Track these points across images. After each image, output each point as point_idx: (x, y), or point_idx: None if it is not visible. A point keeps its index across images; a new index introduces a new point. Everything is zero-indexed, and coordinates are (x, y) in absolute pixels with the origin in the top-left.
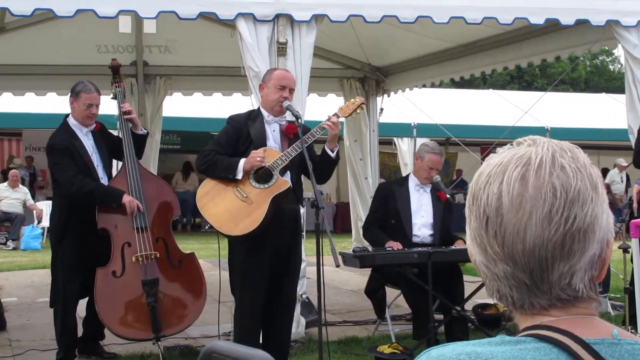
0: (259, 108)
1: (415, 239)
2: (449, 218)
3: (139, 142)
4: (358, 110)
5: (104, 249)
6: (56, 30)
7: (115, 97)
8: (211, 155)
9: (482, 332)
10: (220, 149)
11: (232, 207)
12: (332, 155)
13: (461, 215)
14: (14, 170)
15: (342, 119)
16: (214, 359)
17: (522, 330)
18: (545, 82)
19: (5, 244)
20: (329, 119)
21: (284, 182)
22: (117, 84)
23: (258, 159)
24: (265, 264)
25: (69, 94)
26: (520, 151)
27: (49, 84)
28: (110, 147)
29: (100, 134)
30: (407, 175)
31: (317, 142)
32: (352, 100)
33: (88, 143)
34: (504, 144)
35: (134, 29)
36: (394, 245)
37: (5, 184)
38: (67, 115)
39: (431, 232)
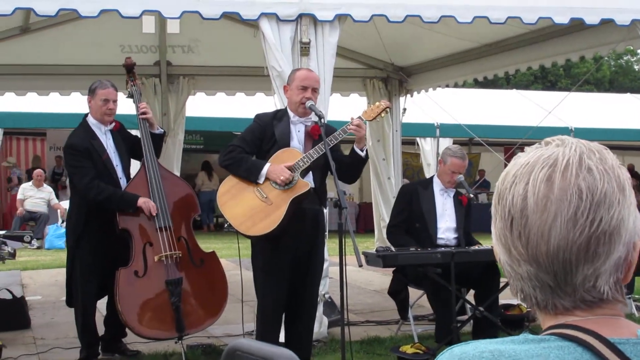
0: (285, 108)
1: (439, 242)
2: (468, 221)
3: (156, 141)
4: (382, 114)
5: (122, 249)
6: (80, 31)
7: (131, 96)
8: (236, 152)
9: (505, 332)
10: (244, 146)
11: (251, 207)
12: (362, 154)
13: (482, 216)
14: (38, 169)
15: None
16: (238, 357)
17: (545, 329)
18: (570, 82)
19: (30, 242)
20: (352, 122)
21: (305, 184)
22: (132, 83)
23: (282, 178)
24: (287, 263)
25: (88, 93)
26: (547, 152)
27: (73, 84)
28: (129, 146)
29: (119, 133)
30: (432, 177)
31: (346, 142)
32: (377, 103)
33: (107, 142)
34: (528, 144)
35: (157, 29)
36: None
37: (30, 183)
38: (86, 115)
39: (455, 235)
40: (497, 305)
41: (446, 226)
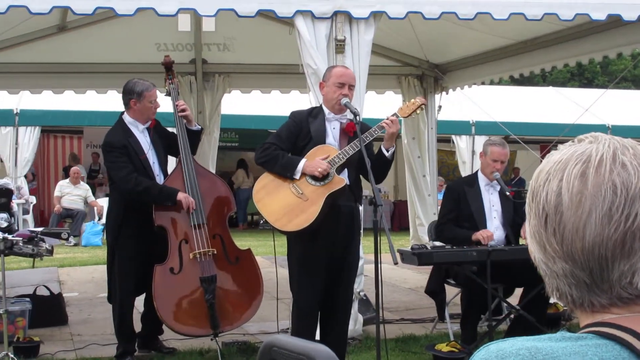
0: (321, 105)
1: (490, 242)
2: (520, 213)
3: (194, 137)
4: (418, 111)
5: (160, 246)
6: (116, 29)
7: (169, 94)
8: (271, 149)
9: (541, 331)
10: (280, 143)
11: (287, 203)
12: (387, 154)
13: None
14: (75, 167)
15: (400, 119)
16: (275, 353)
17: (583, 327)
18: (607, 80)
19: (67, 239)
20: (387, 118)
21: (340, 180)
22: (170, 81)
23: (319, 170)
24: (322, 260)
25: (127, 95)
26: (580, 148)
27: (109, 82)
28: (165, 143)
29: (156, 130)
30: (476, 173)
31: (378, 140)
32: (412, 100)
33: (144, 140)
34: (564, 142)
35: (193, 27)
36: (484, 235)
37: (67, 180)
38: (122, 113)
39: (504, 233)
40: (542, 304)
41: (495, 225)
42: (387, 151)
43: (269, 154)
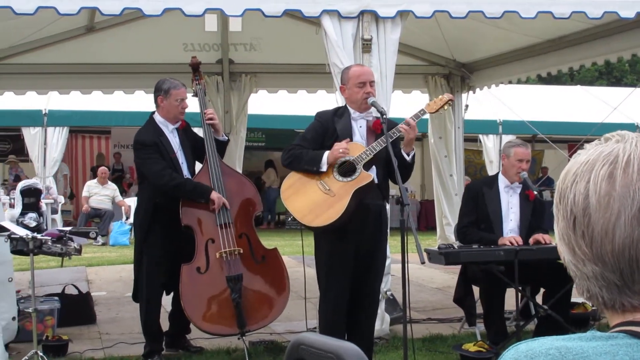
0: (345, 105)
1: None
2: (539, 215)
3: (219, 148)
4: (445, 107)
5: (188, 245)
6: (144, 30)
7: (195, 95)
8: (296, 149)
9: (569, 331)
10: (306, 144)
11: (314, 200)
12: (408, 158)
13: (550, 213)
14: (103, 167)
15: (427, 116)
16: (303, 351)
17: (613, 326)
18: (635, 78)
19: (95, 239)
20: (405, 122)
21: (367, 175)
22: (197, 81)
23: (341, 150)
24: (349, 258)
25: (156, 92)
26: (607, 148)
27: (137, 82)
28: (194, 146)
29: (185, 132)
30: (497, 175)
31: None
32: (440, 96)
33: (174, 140)
34: (592, 140)
35: (219, 27)
36: (512, 240)
37: (95, 180)
38: (152, 113)
39: (518, 236)
40: (566, 304)
41: (510, 227)
42: (408, 155)
43: (293, 155)
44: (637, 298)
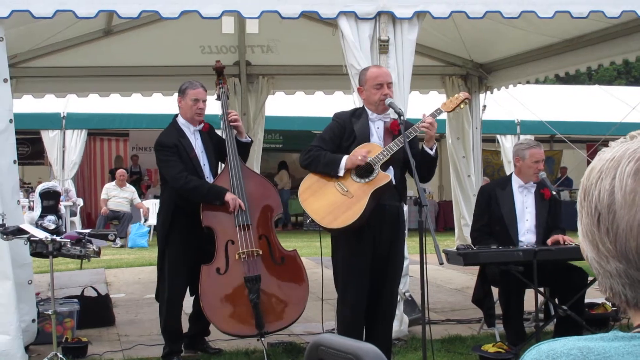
0: (363, 106)
1: (520, 245)
2: (556, 214)
3: (243, 149)
4: (462, 106)
5: (209, 246)
6: (161, 32)
7: (218, 98)
8: (314, 150)
9: (589, 332)
10: (324, 145)
11: (332, 201)
12: (432, 152)
13: (568, 213)
14: (121, 169)
15: (444, 115)
16: (322, 352)
17: (636, 326)
18: None
19: (113, 241)
20: (423, 120)
21: (385, 176)
22: (220, 85)
23: (360, 157)
24: (366, 259)
25: (178, 94)
26: (633, 145)
27: (154, 85)
28: (217, 148)
29: (208, 134)
30: (510, 176)
31: (422, 140)
32: (456, 95)
33: (196, 142)
34: (611, 140)
35: (236, 29)
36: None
37: (113, 183)
38: (176, 115)
39: (536, 236)
40: (582, 305)
41: (526, 227)
42: (431, 149)
43: (311, 156)
44: None
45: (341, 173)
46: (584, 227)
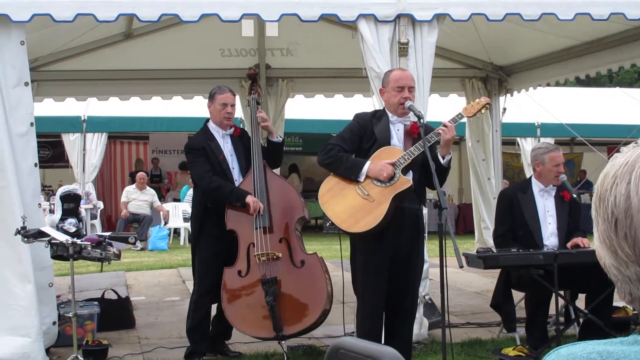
0: (384, 109)
1: (545, 249)
2: (576, 216)
3: (276, 149)
4: (483, 111)
5: (234, 248)
6: (181, 35)
7: (248, 105)
8: (335, 150)
9: (610, 336)
10: (343, 145)
11: (353, 205)
12: (443, 162)
13: (588, 216)
14: (141, 172)
15: (464, 119)
16: (342, 355)
17: None
18: None
19: (134, 244)
20: (444, 124)
21: (406, 180)
22: (254, 91)
23: (385, 175)
24: (386, 263)
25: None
26: None
27: (174, 88)
28: (248, 151)
29: (240, 138)
30: (530, 179)
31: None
32: (477, 100)
33: (225, 146)
34: (631, 143)
35: (256, 32)
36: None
37: (134, 186)
38: (207, 120)
39: (559, 239)
40: (608, 309)
41: (550, 231)
42: (443, 158)
43: (332, 156)
44: None
45: (361, 179)
46: (601, 234)
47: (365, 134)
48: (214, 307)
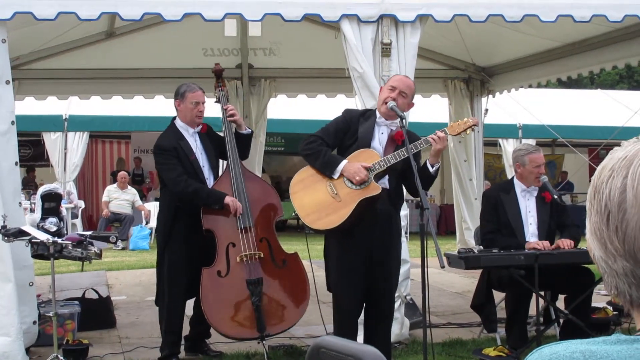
0: (375, 109)
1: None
2: (562, 214)
3: (244, 141)
4: (468, 131)
5: (210, 249)
6: (163, 35)
7: (218, 101)
8: (316, 143)
9: (590, 336)
10: (326, 138)
11: (320, 201)
12: (432, 170)
13: (572, 213)
14: (122, 172)
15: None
16: (323, 354)
17: (639, 330)
18: None
19: (115, 243)
20: (435, 134)
21: (376, 187)
22: (220, 88)
23: (358, 178)
24: (359, 260)
25: (174, 98)
26: None
27: (156, 87)
28: (216, 148)
29: (207, 135)
30: (512, 180)
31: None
32: (465, 119)
33: (195, 144)
34: (613, 145)
35: (239, 32)
36: (539, 246)
37: (115, 185)
38: (174, 118)
39: (538, 240)
40: (587, 310)
41: (530, 232)
42: (432, 167)
43: (312, 148)
44: None
45: (335, 176)
46: (593, 225)
47: (349, 131)
48: (190, 307)
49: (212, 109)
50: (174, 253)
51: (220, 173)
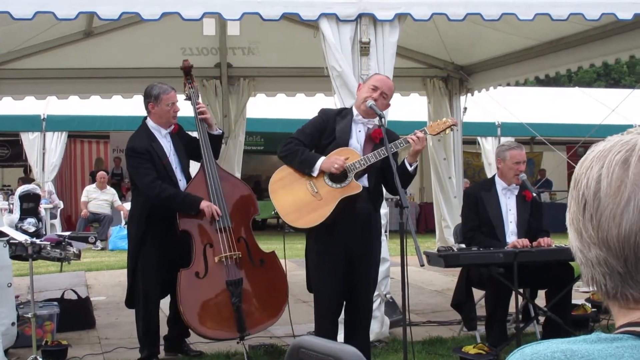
0: (351, 107)
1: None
2: (538, 216)
3: (215, 142)
4: (447, 131)
5: (184, 250)
6: (142, 34)
7: (189, 98)
8: (293, 144)
9: (569, 333)
10: (303, 139)
11: (300, 199)
12: (410, 169)
13: (549, 214)
14: (101, 172)
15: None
16: (302, 354)
17: (619, 327)
18: (634, 80)
19: (94, 243)
20: (415, 134)
21: (357, 185)
22: (190, 85)
23: (336, 166)
24: (338, 260)
25: (146, 99)
26: (626, 137)
27: (135, 87)
28: (188, 148)
29: (178, 135)
30: (493, 178)
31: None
32: (444, 119)
33: (167, 145)
34: (590, 142)
35: (217, 31)
36: (519, 244)
37: (94, 185)
38: (145, 118)
39: (517, 238)
40: (567, 307)
41: (511, 230)
42: (410, 166)
43: (289, 149)
44: (639, 289)
45: (314, 173)
46: (571, 215)
47: (326, 131)
48: (166, 308)
49: (184, 109)
50: (148, 256)
51: (192, 171)
